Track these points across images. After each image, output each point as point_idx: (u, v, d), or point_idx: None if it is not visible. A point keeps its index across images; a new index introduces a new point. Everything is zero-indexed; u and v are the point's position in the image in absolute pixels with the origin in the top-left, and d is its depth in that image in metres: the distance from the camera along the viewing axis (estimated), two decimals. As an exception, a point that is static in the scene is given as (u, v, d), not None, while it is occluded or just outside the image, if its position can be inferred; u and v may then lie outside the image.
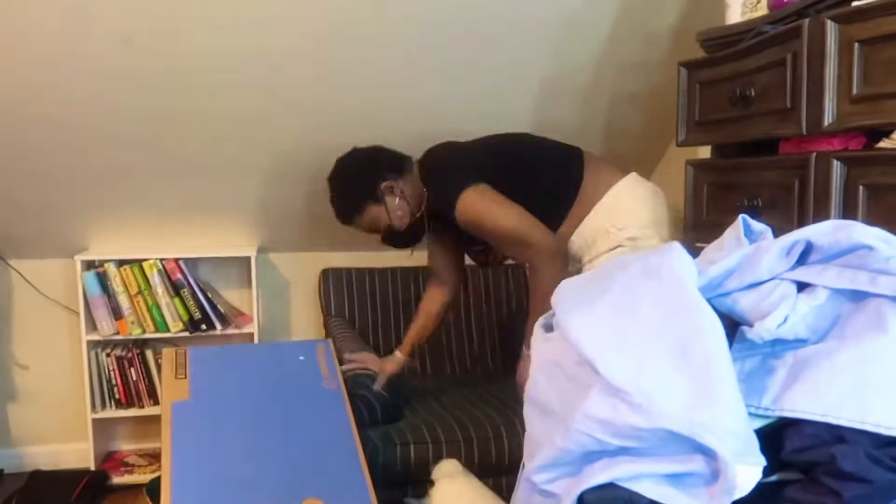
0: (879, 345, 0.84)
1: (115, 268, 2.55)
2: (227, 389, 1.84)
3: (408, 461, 1.96)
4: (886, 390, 0.81)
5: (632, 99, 2.47)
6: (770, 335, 0.90)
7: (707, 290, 0.96)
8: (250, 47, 2.06)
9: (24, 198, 2.45)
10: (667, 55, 2.28)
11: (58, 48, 1.97)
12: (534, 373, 1.01)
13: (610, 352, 0.89)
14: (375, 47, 2.13)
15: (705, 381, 0.84)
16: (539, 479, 0.91)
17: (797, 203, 1.35)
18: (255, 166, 2.49)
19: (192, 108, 2.22)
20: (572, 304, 0.99)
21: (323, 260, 2.83)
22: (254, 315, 2.70)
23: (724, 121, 1.57)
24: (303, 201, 2.66)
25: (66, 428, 2.77)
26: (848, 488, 0.78)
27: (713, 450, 0.79)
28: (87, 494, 2.50)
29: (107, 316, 2.56)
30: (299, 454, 1.66)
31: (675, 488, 0.82)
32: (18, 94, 2.09)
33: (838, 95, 1.25)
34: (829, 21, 1.25)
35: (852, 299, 0.91)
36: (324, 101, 2.28)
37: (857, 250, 0.90)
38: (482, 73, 2.28)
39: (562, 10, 2.12)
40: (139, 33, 1.97)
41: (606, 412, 0.84)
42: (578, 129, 2.38)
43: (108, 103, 2.16)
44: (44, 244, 2.66)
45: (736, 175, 1.58)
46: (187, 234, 2.73)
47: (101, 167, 2.39)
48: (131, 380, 2.64)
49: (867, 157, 1.24)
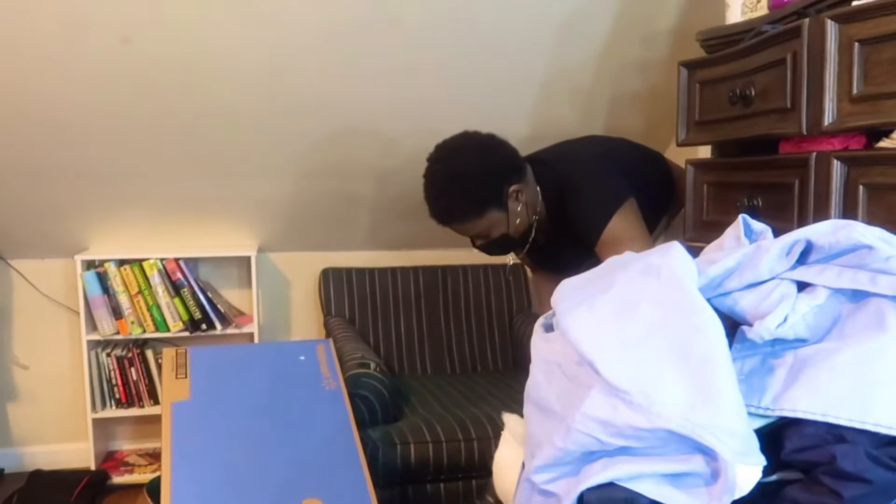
0: (880, 344, 0.84)
1: (116, 267, 2.55)
2: (228, 389, 1.84)
3: (408, 461, 1.96)
4: (887, 390, 0.81)
5: (632, 98, 2.47)
6: (770, 335, 0.90)
7: (707, 289, 0.96)
8: (250, 47, 2.06)
9: (24, 197, 2.46)
10: (667, 55, 2.28)
11: (58, 48, 1.97)
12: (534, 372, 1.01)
13: (610, 352, 0.89)
14: (376, 47, 2.13)
15: (705, 380, 0.84)
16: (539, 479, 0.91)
17: (797, 203, 1.35)
18: (255, 166, 2.49)
19: (192, 108, 2.23)
20: (572, 303, 0.99)
21: (323, 259, 2.84)
22: (254, 315, 2.71)
23: (724, 120, 1.56)
24: (303, 201, 2.66)
25: (67, 428, 2.78)
26: (848, 488, 0.78)
27: (713, 449, 0.79)
28: (87, 494, 2.51)
29: (107, 316, 2.56)
30: (299, 454, 1.66)
31: (675, 488, 0.82)
32: (19, 93, 2.09)
33: (838, 95, 1.25)
34: (830, 21, 1.25)
35: (852, 299, 0.91)
36: (324, 102, 2.28)
37: (857, 250, 0.90)
38: (482, 73, 2.28)
39: (562, 9, 2.12)
40: (139, 33, 1.98)
41: (607, 412, 0.84)
42: (578, 129, 2.37)
43: (109, 103, 2.16)
44: (44, 244, 2.66)
45: (736, 175, 1.57)
46: (187, 234, 2.73)
47: (102, 167, 2.39)
48: (131, 379, 2.64)
49: (867, 156, 1.24)
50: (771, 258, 0.94)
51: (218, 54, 2.07)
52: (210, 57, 2.07)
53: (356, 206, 2.73)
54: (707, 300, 0.93)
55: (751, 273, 0.95)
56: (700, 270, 0.96)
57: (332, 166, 2.52)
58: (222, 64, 2.10)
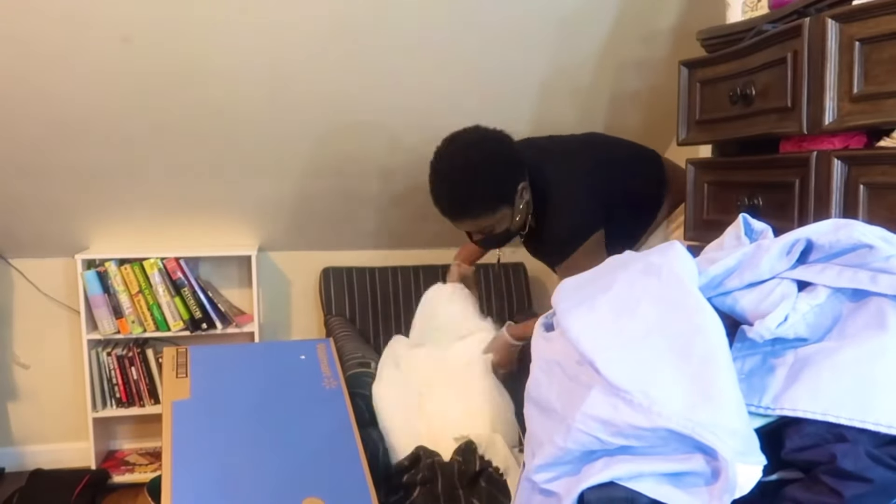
0: (880, 343, 0.84)
1: (116, 267, 2.55)
2: (228, 388, 1.85)
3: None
4: (887, 389, 0.81)
5: (632, 98, 2.47)
6: (770, 334, 0.90)
7: (707, 289, 0.96)
8: (250, 47, 2.06)
9: (24, 197, 2.46)
10: (667, 54, 2.28)
11: (58, 48, 1.97)
12: (534, 372, 1.01)
13: (610, 351, 0.89)
14: (376, 47, 2.12)
15: (706, 380, 0.84)
16: (540, 479, 0.91)
17: (798, 202, 1.35)
18: (256, 165, 2.49)
19: (192, 107, 2.22)
20: (572, 302, 0.99)
21: (323, 259, 2.84)
22: (254, 314, 2.71)
23: (724, 120, 1.56)
24: (303, 200, 2.66)
25: (67, 427, 2.78)
26: (848, 487, 0.78)
27: (714, 449, 0.79)
28: (87, 493, 2.51)
29: (107, 315, 2.56)
30: (300, 453, 1.66)
31: (676, 487, 0.82)
32: (19, 93, 2.09)
33: (839, 94, 1.25)
34: (830, 20, 1.25)
35: (853, 298, 0.91)
36: (323, 101, 2.28)
37: (857, 249, 0.90)
38: (482, 72, 2.28)
39: (562, 8, 2.11)
40: (139, 33, 1.97)
41: (607, 412, 0.84)
42: (578, 128, 2.37)
43: (109, 102, 2.16)
44: (44, 243, 2.66)
45: (736, 174, 1.57)
46: (188, 233, 2.73)
47: (102, 166, 2.39)
48: (132, 379, 2.64)
49: (868, 156, 1.24)
50: (771, 257, 0.94)
51: (218, 53, 2.07)
52: (210, 56, 2.07)
53: (357, 205, 2.73)
54: (707, 299, 0.93)
55: (751, 272, 0.95)
56: (700, 270, 0.96)
57: (332, 165, 2.52)
58: (223, 63, 2.10)
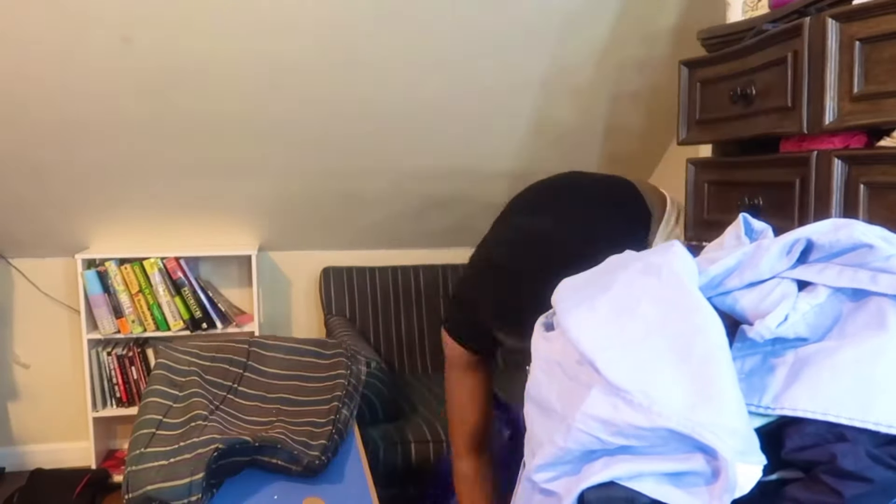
0: (880, 343, 0.84)
1: (116, 266, 2.55)
2: (228, 388, 1.84)
3: (409, 460, 1.96)
4: (887, 389, 0.81)
5: (632, 97, 2.47)
6: (770, 334, 0.89)
7: (707, 288, 0.96)
8: (250, 47, 2.06)
9: (25, 197, 2.46)
10: (667, 54, 2.28)
11: (58, 48, 1.97)
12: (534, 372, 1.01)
13: (610, 351, 0.89)
14: (375, 47, 2.13)
15: (706, 379, 0.83)
16: (539, 478, 0.91)
17: (798, 202, 1.35)
18: (256, 165, 2.49)
19: (192, 107, 2.23)
20: (572, 302, 0.99)
21: (323, 258, 2.84)
22: (254, 313, 2.71)
23: (724, 119, 1.56)
24: (303, 200, 2.66)
25: (67, 426, 2.78)
26: (848, 487, 0.78)
27: (714, 448, 0.79)
28: (87, 493, 2.51)
29: (108, 314, 2.56)
30: (300, 453, 1.65)
31: (676, 487, 0.82)
32: (19, 93, 2.09)
33: (839, 94, 1.25)
34: (830, 19, 1.25)
35: (853, 298, 0.91)
36: (324, 101, 2.28)
37: (857, 249, 0.90)
38: (482, 72, 2.28)
39: (562, 8, 2.11)
40: (139, 33, 1.98)
41: (607, 411, 0.84)
42: (578, 129, 2.38)
43: (109, 103, 2.16)
44: (45, 243, 2.66)
45: (736, 173, 1.57)
46: (188, 233, 2.73)
47: (102, 166, 2.39)
48: (132, 378, 2.64)
49: (868, 155, 1.24)
50: (771, 257, 0.94)
51: (218, 53, 2.07)
52: (210, 56, 2.07)
53: (356, 205, 2.73)
54: (707, 299, 0.93)
55: (751, 272, 0.95)
56: (700, 269, 0.96)
57: (332, 165, 2.53)
58: (223, 63, 2.10)
